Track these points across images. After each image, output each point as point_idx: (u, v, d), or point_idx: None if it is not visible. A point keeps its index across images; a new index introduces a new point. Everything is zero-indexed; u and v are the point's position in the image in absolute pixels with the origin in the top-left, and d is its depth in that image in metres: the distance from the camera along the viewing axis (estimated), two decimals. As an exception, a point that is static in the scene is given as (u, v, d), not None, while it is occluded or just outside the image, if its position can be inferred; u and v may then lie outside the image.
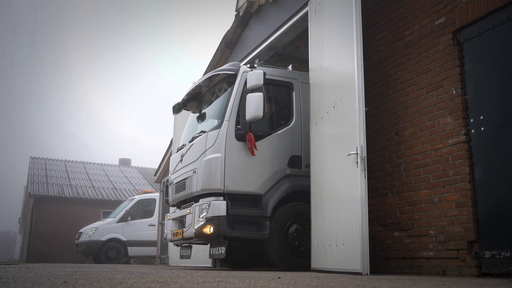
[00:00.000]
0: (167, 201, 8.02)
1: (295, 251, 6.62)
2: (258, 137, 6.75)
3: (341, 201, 5.68)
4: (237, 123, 6.75)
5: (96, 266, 9.64)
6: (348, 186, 5.55)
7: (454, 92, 5.26)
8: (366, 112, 5.67)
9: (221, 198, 6.46)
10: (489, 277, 4.63)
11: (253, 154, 6.59)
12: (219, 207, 6.36)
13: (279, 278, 4.16)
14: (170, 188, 7.87)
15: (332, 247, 5.74)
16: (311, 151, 6.57)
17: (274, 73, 7.24)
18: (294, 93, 7.23)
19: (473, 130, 5.03)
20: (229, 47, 10.58)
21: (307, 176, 6.75)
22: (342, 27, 6.02)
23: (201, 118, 7.72)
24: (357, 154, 5.42)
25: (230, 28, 10.45)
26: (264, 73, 6.59)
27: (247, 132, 6.61)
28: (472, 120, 5.06)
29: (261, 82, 6.49)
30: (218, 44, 10.74)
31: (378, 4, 6.63)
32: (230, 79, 7.09)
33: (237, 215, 6.44)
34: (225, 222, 6.31)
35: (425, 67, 5.68)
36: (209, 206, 6.40)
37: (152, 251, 17.18)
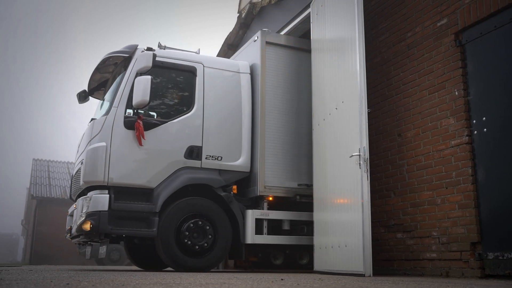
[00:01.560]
0: (70, 195, 7.37)
1: (187, 251, 6.05)
2: (151, 125, 6.23)
3: (343, 202, 5.68)
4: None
5: (99, 268, 9.66)
6: (351, 187, 5.54)
7: (456, 93, 5.25)
8: (368, 113, 5.67)
9: (106, 191, 5.91)
10: (493, 279, 4.62)
11: (140, 143, 6.07)
12: (101, 201, 5.81)
13: (281, 279, 4.16)
14: (72, 181, 7.30)
15: (335, 249, 5.73)
16: (313, 152, 6.57)
17: (176, 56, 6.69)
18: (197, 78, 6.67)
19: (475, 131, 5.03)
20: (231, 49, 10.61)
21: (208, 168, 6.41)
22: (345, 29, 6.02)
23: (102, 105, 7.22)
24: (359, 155, 5.42)
25: (232, 30, 10.48)
26: (154, 55, 6.19)
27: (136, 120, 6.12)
28: (474, 121, 5.05)
29: (150, 64, 6.13)
30: (221, 46, 10.78)
31: (380, 6, 6.63)
32: (126, 62, 6.59)
33: (122, 210, 5.88)
34: (106, 217, 5.76)
35: (428, 69, 5.67)
36: (90, 200, 5.88)
37: (154, 253, 17.17)
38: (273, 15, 9.01)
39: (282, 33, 8.41)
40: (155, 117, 6.56)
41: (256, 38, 7.09)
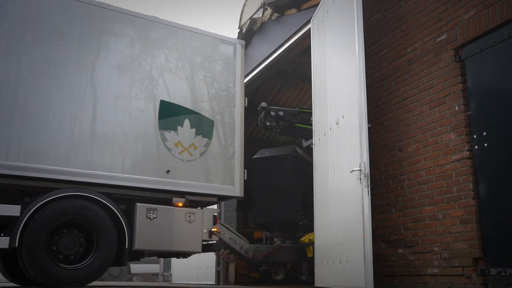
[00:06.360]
0: None
1: None
2: None
3: (344, 217, 5.66)
4: None
5: (99, 283, 9.57)
6: (352, 202, 5.53)
7: (457, 108, 5.26)
8: (369, 128, 5.67)
9: None
10: (495, 295, 4.58)
11: None
12: None
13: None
14: None
15: (336, 264, 5.70)
16: (314, 167, 6.56)
17: None
18: None
19: (476, 146, 5.03)
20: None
21: None
22: (345, 44, 6.06)
23: None
24: (360, 170, 5.41)
25: (233, 45, 10.51)
26: None
27: None
28: (475, 136, 5.06)
29: None
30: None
31: (380, 22, 6.68)
32: None
33: None
34: None
35: (428, 84, 5.69)
36: None
37: (155, 268, 17.06)
38: (274, 30, 9.08)
39: (283, 48, 8.45)
40: None
41: None
